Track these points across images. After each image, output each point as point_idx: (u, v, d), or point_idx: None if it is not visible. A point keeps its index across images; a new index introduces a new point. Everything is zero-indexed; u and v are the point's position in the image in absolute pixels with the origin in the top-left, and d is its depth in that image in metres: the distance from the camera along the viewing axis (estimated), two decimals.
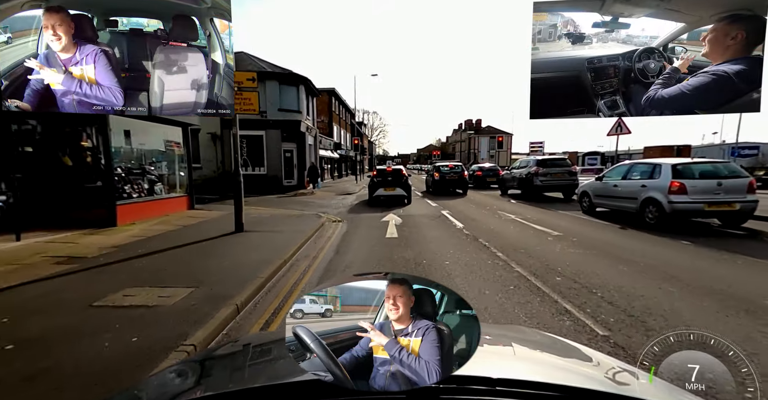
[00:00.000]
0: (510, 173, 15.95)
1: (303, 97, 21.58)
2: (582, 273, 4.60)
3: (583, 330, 3.05)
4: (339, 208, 12.44)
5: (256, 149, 19.25)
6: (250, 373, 1.07)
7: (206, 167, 18.66)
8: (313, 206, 12.95)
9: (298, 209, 11.84)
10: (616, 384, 0.93)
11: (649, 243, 6.32)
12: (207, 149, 19.16)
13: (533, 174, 13.56)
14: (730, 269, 4.72)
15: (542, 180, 13.35)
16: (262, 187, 18.20)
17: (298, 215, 10.39)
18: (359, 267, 5.23)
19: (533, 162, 14.12)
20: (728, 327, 3.03)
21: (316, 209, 11.67)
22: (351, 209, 12.38)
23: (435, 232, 7.75)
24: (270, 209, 11.61)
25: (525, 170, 14.27)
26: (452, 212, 10.63)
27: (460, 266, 5.11)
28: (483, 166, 22.69)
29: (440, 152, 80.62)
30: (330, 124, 35.18)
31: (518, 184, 14.79)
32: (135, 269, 4.79)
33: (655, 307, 3.46)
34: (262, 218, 9.37)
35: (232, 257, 5.42)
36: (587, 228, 7.94)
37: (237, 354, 1.27)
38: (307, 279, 4.73)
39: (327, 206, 13.01)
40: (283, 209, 11.73)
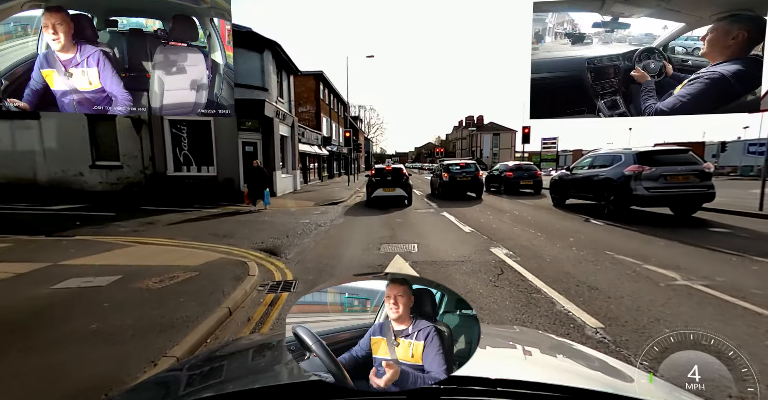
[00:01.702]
0: (571, 174, 10.89)
1: (270, 69, 15.81)
2: None
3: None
4: (304, 236, 7.06)
5: (201, 141, 13.52)
6: (251, 373, 1.07)
7: (129, 166, 13.43)
8: (257, 233, 7.35)
9: (217, 242, 6.47)
10: (616, 384, 0.93)
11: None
12: (128, 140, 13.30)
13: (632, 177, 8.15)
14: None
15: (650, 187, 7.93)
16: (209, 195, 13.10)
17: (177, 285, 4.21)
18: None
19: (629, 157, 8.50)
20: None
21: (251, 243, 6.51)
22: (325, 236, 7.11)
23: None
24: (145, 251, 5.75)
25: (611, 171, 8.83)
26: (514, 252, 5.63)
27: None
28: (518, 166, 16.77)
29: (444, 150, 79.74)
30: (318, 115, 29.40)
31: (597, 192, 9.41)
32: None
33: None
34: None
35: None
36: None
37: (237, 354, 1.27)
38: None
39: (283, 232, 7.43)
40: (176, 252, 5.68)
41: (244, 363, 1.16)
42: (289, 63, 18.34)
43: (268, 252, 5.91)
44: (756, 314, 3.26)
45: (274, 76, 16.44)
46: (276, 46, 15.84)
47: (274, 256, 5.69)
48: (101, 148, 13.51)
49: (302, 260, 5.39)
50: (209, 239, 6.81)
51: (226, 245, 6.34)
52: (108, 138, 13.39)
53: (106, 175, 13.50)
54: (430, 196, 15.29)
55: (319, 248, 6.19)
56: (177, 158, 13.53)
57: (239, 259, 5.17)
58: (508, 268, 4.83)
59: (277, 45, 15.84)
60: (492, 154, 71.32)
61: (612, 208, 8.60)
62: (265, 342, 1.38)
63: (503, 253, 5.59)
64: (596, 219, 8.54)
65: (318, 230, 7.90)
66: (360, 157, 50.85)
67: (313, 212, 10.87)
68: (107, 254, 5.45)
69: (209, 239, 6.74)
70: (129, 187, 13.43)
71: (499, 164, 18.58)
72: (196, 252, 5.63)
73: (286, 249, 6.10)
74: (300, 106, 27.47)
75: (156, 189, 13.22)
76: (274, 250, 6.05)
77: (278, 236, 7.17)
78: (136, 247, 5.99)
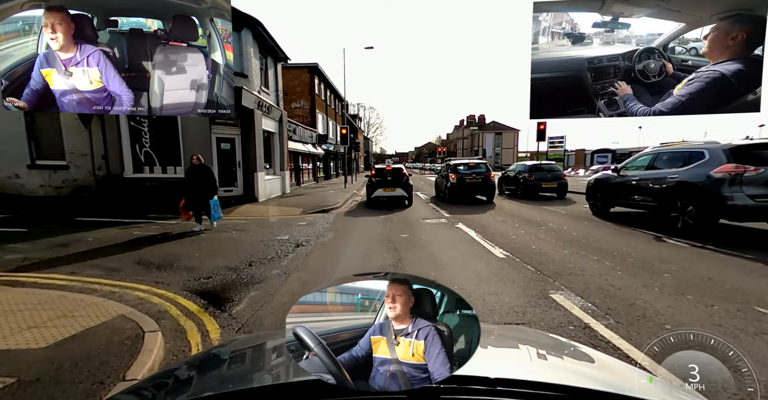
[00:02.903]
0: (620, 177, 8.77)
1: (251, 52, 13.57)
2: None
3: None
4: (273, 265, 5.23)
5: (166, 137, 11.42)
6: (250, 373, 1.07)
7: (78, 167, 11.16)
8: (209, 260, 5.49)
9: (140, 277, 4.70)
10: (616, 384, 0.93)
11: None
12: (74, 135, 10.95)
13: (726, 180, 5.99)
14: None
15: (757, 195, 5.73)
16: (175, 201, 9.41)
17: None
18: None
19: (718, 154, 6.33)
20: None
21: (190, 278, 4.67)
22: (303, 264, 5.27)
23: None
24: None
25: (688, 172, 6.72)
26: (592, 302, 3.62)
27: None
28: (538, 166, 14.60)
29: (446, 149, 79.14)
30: (313, 111, 27.05)
31: (664, 200, 7.18)
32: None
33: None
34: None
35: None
36: None
37: (237, 354, 1.27)
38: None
39: (246, 257, 5.61)
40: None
41: (244, 363, 1.16)
42: (275, 48, 15.90)
43: (207, 298, 3.99)
44: None
45: (255, 61, 14.09)
46: (258, 25, 13.45)
47: (213, 307, 3.74)
48: (42, 145, 11.18)
49: (255, 318, 3.46)
50: (133, 270, 4.96)
51: (147, 285, 4.40)
52: (50, 132, 10.94)
53: (49, 178, 11.17)
54: (435, 201, 13.91)
55: (289, 288, 4.29)
56: (137, 157, 11.53)
57: (148, 318, 3.31)
58: (602, 342, 2.84)
59: (259, 24, 13.46)
60: (494, 153, 71.05)
61: (691, 222, 6.49)
62: (264, 342, 1.38)
63: (576, 305, 3.54)
64: (672, 237, 6.42)
65: (296, 252, 5.96)
66: (359, 156, 49.87)
67: (296, 222, 8.89)
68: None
69: (132, 272, 4.90)
70: (78, 192, 11.11)
71: (516, 164, 16.78)
72: (88, 303, 3.63)
73: (239, 292, 4.16)
74: (293, 102, 25.87)
75: (111, 194, 10.95)
76: (218, 293, 4.13)
77: (237, 264, 5.23)
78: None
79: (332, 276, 4.85)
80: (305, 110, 26.91)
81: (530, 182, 14.06)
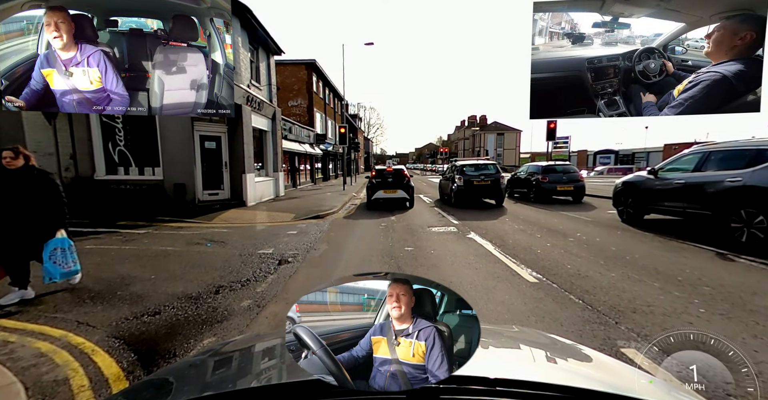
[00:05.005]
0: (658, 179, 7.77)
1: (239, 42, 12.68)
2: None
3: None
4: (245, 293, 4.20)
5: (143, 135, 10.55)
6: (250, 373, 1.07)
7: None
8: (164, 285, 4.48)
9: (62, 316, 3.48)
10: (616, 384, 0.93)
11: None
12: (38, 131, 10.00)
13: None
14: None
15: None
16: (153, 206, 10.22)
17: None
18: None
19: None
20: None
21: (131, 314, 3.59)
22: (283, 291, 4.31)
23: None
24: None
25: (754, 176, 6.05)
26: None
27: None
28: (552, 167, 13.60)
29: (448, 150, 78.82)
30: (310, 109, 26.22)
31: (721, 209, 6.28)
32: None
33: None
34: None
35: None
36: None
37: (237, 354, 1.27)
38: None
39: (214, 281, 4.69)
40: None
41: (244, 362, 1.16)
42: (267, 39, 14.84)
43: (141, 351, 2.82)
44: None
45: (244, 52, 13.26)
46: (246, 12, 12.51)
47: (142, 368, 2.60)
48: (1, 142, 9.56)
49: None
50: (56, 303, 3.85)
51: (64, 328, 3.20)
52: (10, 128, 9.81)
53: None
54: (440, 205, 13.01)
55: (260, 329, 3.28)
56: (110, 157, 10.75)
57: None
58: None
59: (247, 11, 12.53)
60: (496, 154, 70.96)
61: (762, 235, 5.60)
62: (265, 341, 1.38)
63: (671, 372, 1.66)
64: (739, 255, 5.42)
65: (278, 272, 4.97)
66: (359, 157, 49.62)
67: (286, 231, 7.84)
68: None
69: (54, 305, 3.79)
70: None
71: (527, 165, 15.67)
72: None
73: (188, 338, 3.04)
74: (290, 100, 25.40)
75: (80, 198, 9.89)
76: (159, 341, 2.98)
77: (200, 290, 4.19)
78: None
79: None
80: (302, 109, 26.30)
81: (544, 185, 13.08)
